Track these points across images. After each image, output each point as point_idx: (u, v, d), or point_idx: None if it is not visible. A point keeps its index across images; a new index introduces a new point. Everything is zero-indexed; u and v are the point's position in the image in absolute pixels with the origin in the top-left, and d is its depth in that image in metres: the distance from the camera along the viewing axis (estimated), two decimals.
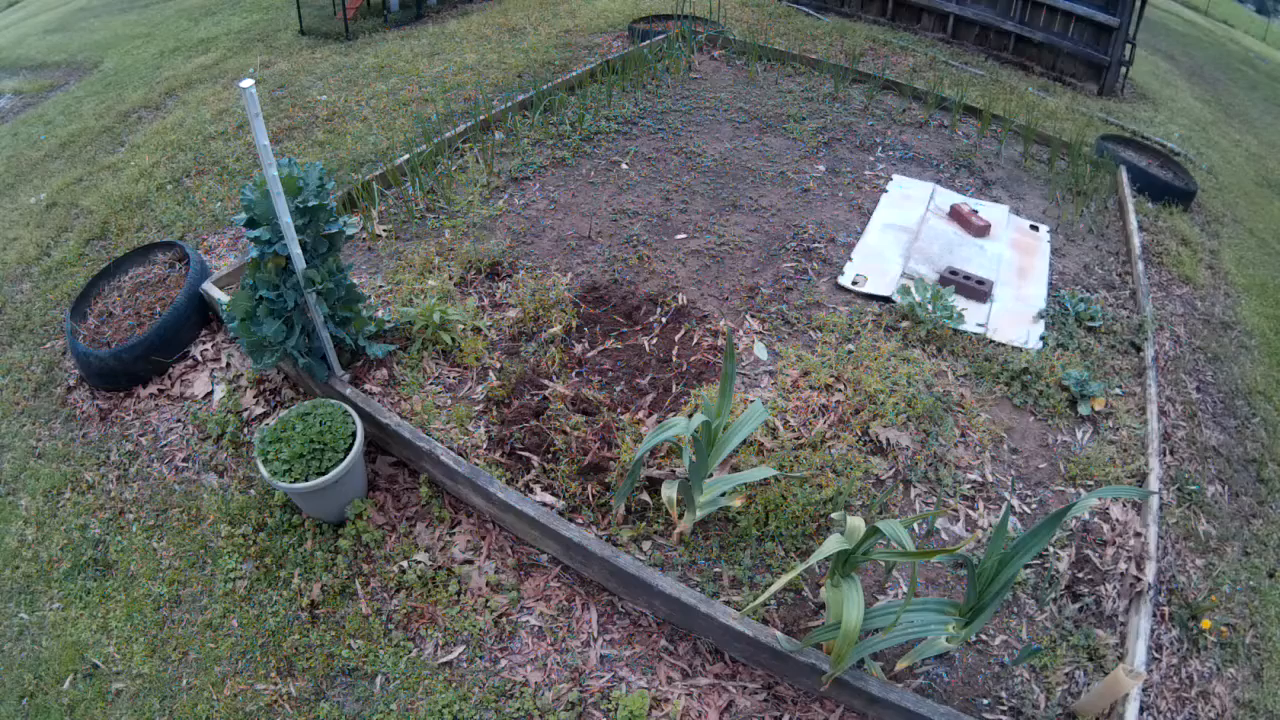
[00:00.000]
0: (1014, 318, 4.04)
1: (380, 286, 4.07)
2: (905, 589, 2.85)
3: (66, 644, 2.93)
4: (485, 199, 4.75)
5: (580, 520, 3.00)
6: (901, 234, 4.57)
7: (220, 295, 3.81)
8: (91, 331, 3.84)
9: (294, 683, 2.75)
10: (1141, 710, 2.52)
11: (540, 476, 3.13)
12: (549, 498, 3.06)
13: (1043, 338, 3.90)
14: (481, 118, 5.43)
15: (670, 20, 7.71)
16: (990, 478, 3.23)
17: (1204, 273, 5.01)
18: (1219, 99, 8.75)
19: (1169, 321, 4.44)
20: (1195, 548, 3.25)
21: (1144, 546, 2.98)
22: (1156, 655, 2.82)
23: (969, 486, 3.18)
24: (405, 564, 2.97)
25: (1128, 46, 7.19)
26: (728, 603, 2.74)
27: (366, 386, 3.45)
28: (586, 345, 3.70)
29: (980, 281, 4.16)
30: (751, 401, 3.23)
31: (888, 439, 3.23)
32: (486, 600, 2.89)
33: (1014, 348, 3.83)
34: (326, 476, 2.87)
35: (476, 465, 3.10)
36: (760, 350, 3.67)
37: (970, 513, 3.10)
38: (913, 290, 3.93)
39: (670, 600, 2.66)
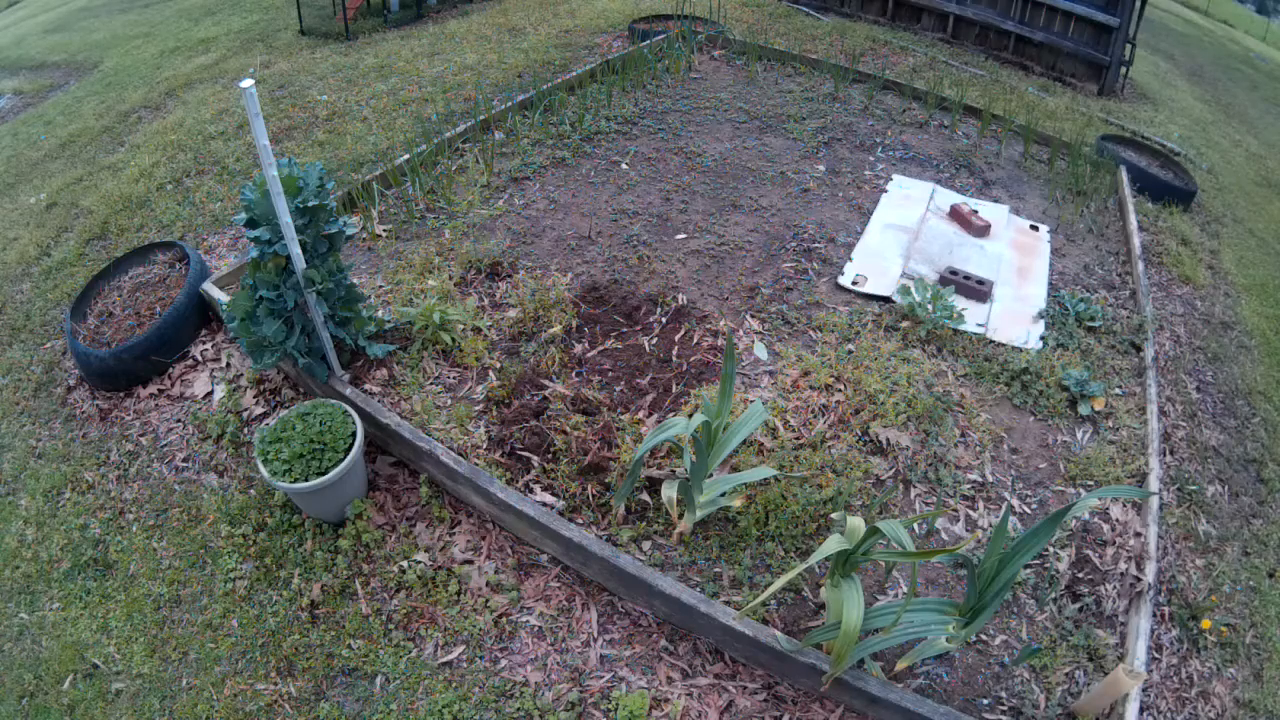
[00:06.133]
0: (1014, 318, 4.04)
1: (380, 286, 4.07)
2: (905, 589, 2.85)
3: (66, 644, 2.93)
4: (485, 199, 4.75)
5: (580, 520, 3.00)
6: (901, 234, 4.57)
7: (220, 295, 3.81)
8: (91, 331, 3.84)
9: (294, 683, 2.75)
10: (1141, 710, 2.52)
11: (540, 476, 3.13)
12: (549, 498, 3.06)
13: (1043, 338, 3.90)
14: (481, 118, 5.43)
15: (670, 20, 7.71)
16: (990, 478, 3.23)
17: (1204, 273, 5.01)
18: (1219, 99, 8.75)
19: (1169, 321, 4.44)
20: (1195, 548, 3.25)
21: (1144, 546, 2.98)
22: (1156, 655, 2.82)
23: (969, 486, 3.18)
24: (405, 564, 2.97)
25: (1128, 46, 7.19)
26: (728, 603, 2.73)
27: (366, 386, 3.45)
28: (586, 345, 3.70)
29: (980, 281, 4.16)
30: (751, 401, 3.24)
31: (888, 439, 3.23)
32: (486, 600, 2.89)
33: (1014, 348, 3.83)
34: (326, 477, 2.87)
35: (476, 465, 3.10)
36: (760, 350, 3.67)
37: (970, 513, 3.10)
38: (913, 290, 3.93)
39: (670, 600, 2.66)
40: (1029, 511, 3.13)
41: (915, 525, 3.02)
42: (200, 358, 3.88)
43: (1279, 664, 2.94)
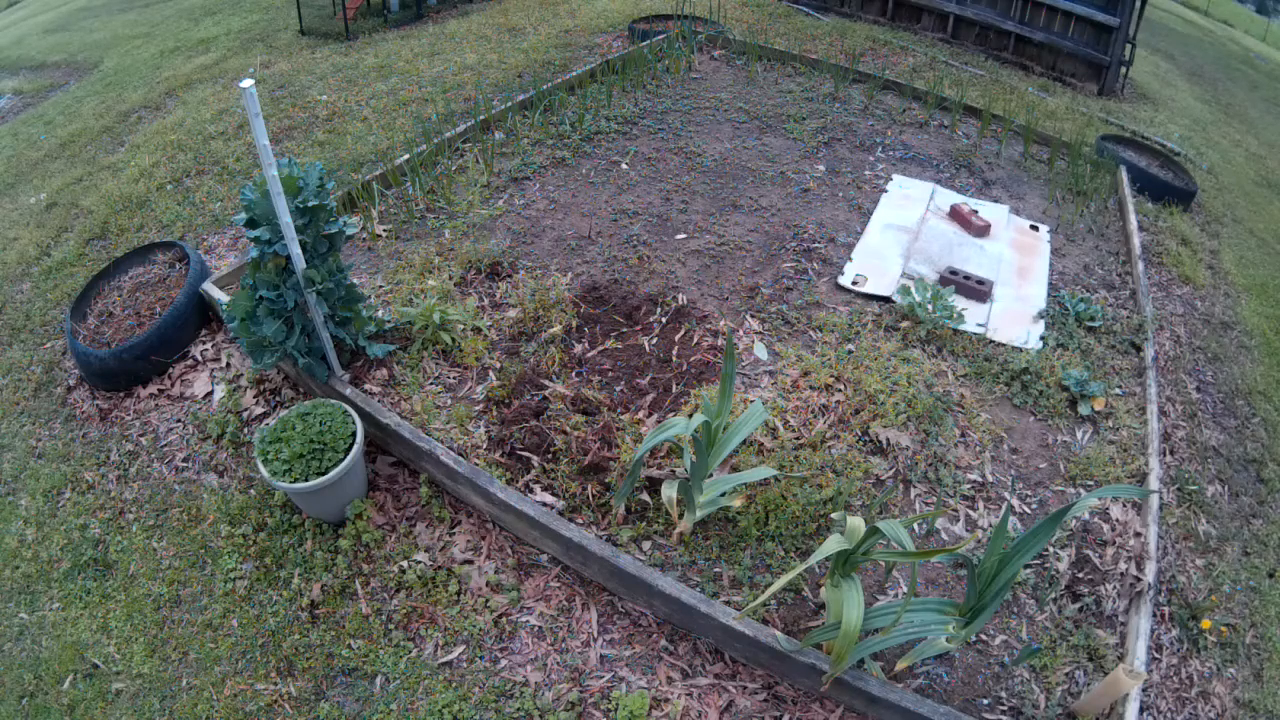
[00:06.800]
0: (1014, 318, 4.04)
1: (380, 286, 4.07)
2: (905, 589, 2.85)
3: (66, 644, 2.93)
4: (485, 199, 4.75)
5: (580, 520, 3.00)
6: (901, 234, 4.57)
7: (220, 295, 3.81)
8: (91, 331, 3.84)
9: (294, 683, 2.75)
10: (1141, 710, 2.52)
11: (540, 476, 3.13)
12: (549, 498, 3.06)
13: (1043, 338, 3.90)
14: (481, 118, 5.43)
15: (670, 20, 7.71)
16: (990, 478, 3.23)
17: (1204, 273, 5.01)
18: (1219, 99, 8.75)
19: (1169, 321, 4.44)
20: (1195, 548, 3.25)
21: (1144, 546, 2.98)
22: (1156, 655, 2.82)
23: (969, 486, 3.18)
24: (405, 564, 2.97)
25: (1128, 46, 7.19)
26: (728, 603, 2.74)
27: (366, 386, 3.45)
28: (586, 345, 3.70)
29: (980, 281, 4.16)
30: (751, 401, 3.24)
31: (888, 439, 3.23)
32: (486, 600, 2.89)
33: (1014, 348, 3.83)
34: (326, 477, 2.87)
35: (476, 465, 3.10)
36: (760, 350, 3.67)
37: (970, 513, 3.10)
38: (913, 290, 3.93)
39: (670, 600, 2.66)
40: (1029, 511, 3.13)
41: (915, 525, 3.02)
42: (200, 358, 3.88)
43: (1279, 664, 2.94)
